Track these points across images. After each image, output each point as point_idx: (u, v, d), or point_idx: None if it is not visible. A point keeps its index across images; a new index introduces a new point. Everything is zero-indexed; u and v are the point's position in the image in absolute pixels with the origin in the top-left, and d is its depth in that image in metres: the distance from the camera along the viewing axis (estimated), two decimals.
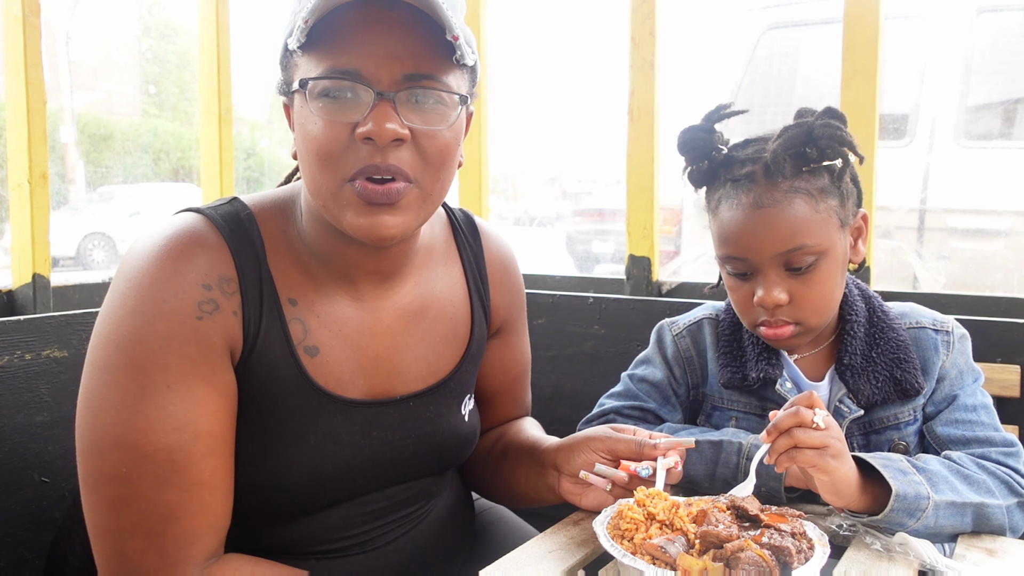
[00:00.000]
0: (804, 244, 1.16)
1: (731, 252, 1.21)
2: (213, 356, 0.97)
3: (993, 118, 4.36)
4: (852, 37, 1.70)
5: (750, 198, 1.19)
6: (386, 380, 1.11)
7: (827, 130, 1.18)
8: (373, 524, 1.12)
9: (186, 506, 0.94)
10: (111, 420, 0.93)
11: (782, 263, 1.18)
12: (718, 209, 1.24)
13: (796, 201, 1.17)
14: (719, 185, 1.25)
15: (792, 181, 1.18)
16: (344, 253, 1.06)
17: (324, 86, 0.95)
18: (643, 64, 1.92)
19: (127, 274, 0.97)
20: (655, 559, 0.89)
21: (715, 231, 1.26)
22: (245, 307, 1.00)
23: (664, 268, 3.66)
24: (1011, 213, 4.10)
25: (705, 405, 1.37)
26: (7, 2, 1.69)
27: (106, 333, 0.96)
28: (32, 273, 1.72)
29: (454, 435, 1.18)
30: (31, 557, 1.56)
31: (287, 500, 1.04)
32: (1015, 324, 1.55)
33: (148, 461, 0.92)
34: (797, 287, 1.18)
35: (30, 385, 1.55)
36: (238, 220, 1.03)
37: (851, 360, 1.25)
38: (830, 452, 1.01)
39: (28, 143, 1.70)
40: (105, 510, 0.94)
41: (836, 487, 1.03)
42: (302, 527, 1.07)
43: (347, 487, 1.08)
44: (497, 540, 1.33)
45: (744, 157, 1.22)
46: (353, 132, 0.95)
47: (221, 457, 0.98)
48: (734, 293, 1.26)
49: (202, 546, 0.96)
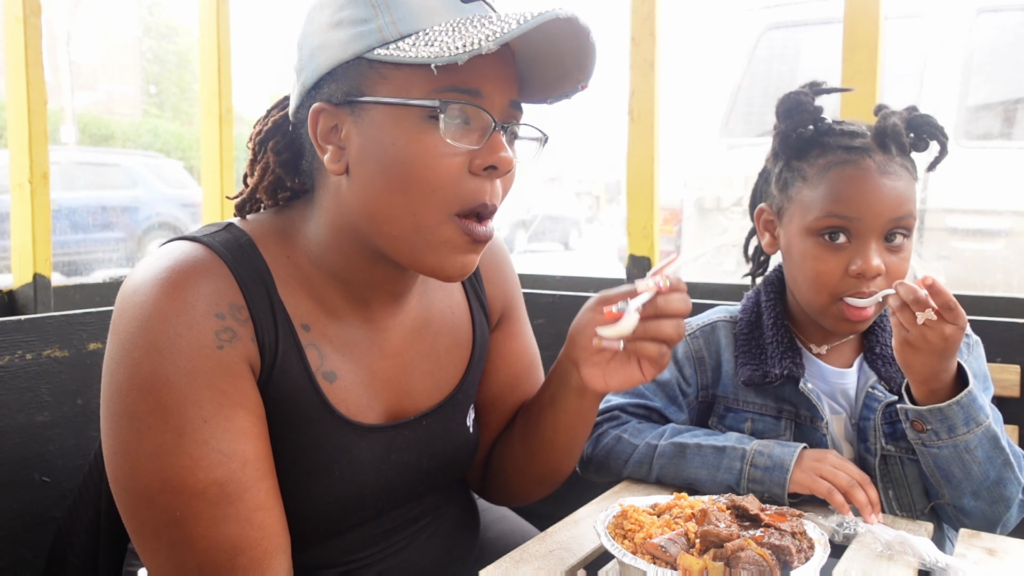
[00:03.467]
0: (911, 215, 1.22)
1: (845, 212, 1.21)
2: (242, 381, 0.93)
3: (993, 118, 4.36)
4: (852, 37, 1.70)
5: (874, 164, 1.22)
6: (398, 402, 1.09)
7: (928, 119, 1.26)
8: (386, 542, 1.11)
9: (248, 536, 0.90)
10: (153, 467, 0.88)
11: (885, 233, 1.21)
12: (825, 174, 1.24)
13: (906, 175, 1.24)
14: (825, 152, 1.26)
15: (902, 158, 1.25)
16: (368, 276, 1.02)
17: (440, 105, 0.90)
18: (643, 64, 1.92)
19: (132, 313, 0.90)
20: (655, 558, 0.89)
21: (815, 195, 1.24)
22: (259, 334, 0.95)
23: None
24: (1011, 213, 4.10)
25: (717, 407, 1.37)
26: (8, 2, 1.69)
27: (124, 379, 0.89)
28: (33, 273, 1.72)
29: (462, 448, 1.17)
30: (31, 557, 1.56)
31: (309, 528, 1.02)
32: (1015, 324, 1.55)
33: (201, 499, 0.88)
34: (890, 260, 1.22)
35: (31, 385, 1.55)
36: (238, 246, 0.98)
37: (883, 350, 1.28)
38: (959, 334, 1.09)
39: (29, 143, 1.71)
40: (167, 556, 0.90)
41: (940, 362, 1.11)
42: (315, 551, 1.05)
43: (368, 512, 1.07)
44: (497, 540, 1.33)
45: (850, 130, 1.26)
46: (468, 163, 0.93)
47: (271, 478, 0.94)
48: (820, 263, 1.23)
49: (272, 572, 0.92)
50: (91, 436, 1.64)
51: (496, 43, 0.85)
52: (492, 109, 0.93)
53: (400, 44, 0.90)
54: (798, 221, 1.26)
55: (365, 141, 0.93)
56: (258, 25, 9.53)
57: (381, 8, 0.92)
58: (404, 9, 0.92)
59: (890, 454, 1.25)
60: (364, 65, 0.93)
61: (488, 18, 0.91)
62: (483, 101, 0.93)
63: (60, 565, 1.17)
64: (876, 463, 1.25)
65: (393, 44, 0.90)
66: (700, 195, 4.82)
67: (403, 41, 0.90)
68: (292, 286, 1.00)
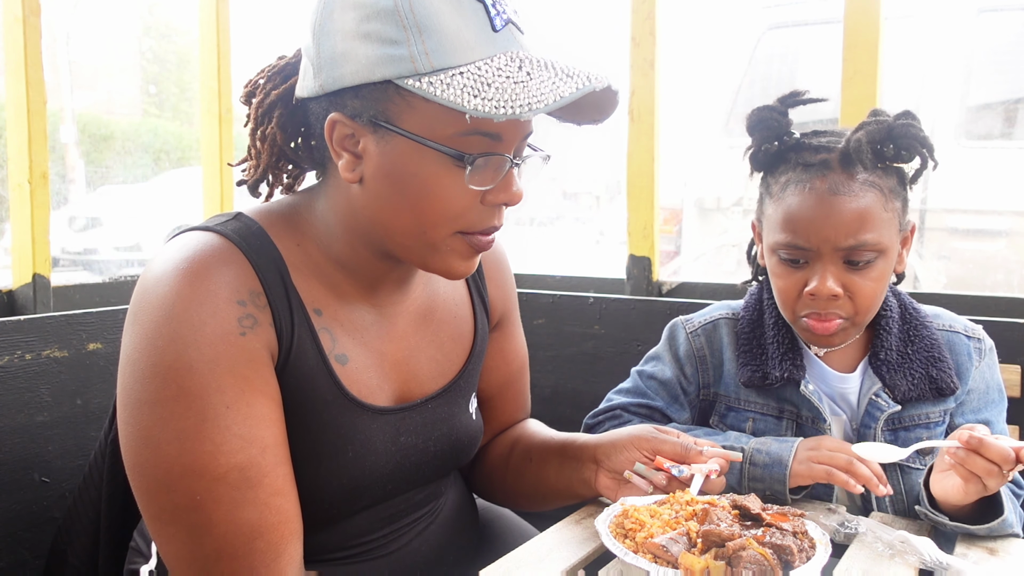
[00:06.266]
0: (870, 240, 1.15)
1: (794, 238, 1.18)
2: (262, 367, 0.95)
3: (993, 118, 4.36)
4: (852, 37, 1.70)
5: (825, 184, 1.16)
6: (406, 384, 1.12)
7: (908, 129, 1.17)
8: (390, 528, 1.13)
9: (266, 519, 0.92)
10: (175, 451, 0.90)
11: (843, 255, 1.17)
12: (784, 193, 1.21)
13: (870, 194, 1.16)
14: (787, 168, 1.22)
15: (868, 174, 1.17)
16: (375, 266, 1.06)
17: (468, 157, 0.93)
18: (643, 64, 1.92)
19: (154, 303, 0.92)
20: (657, 558, 0.89)
21: (775, 215, 1.22)
22: (276, 319, 0.97)
23: (664, 268, 3.66)
24: (1011, 213, 4.10)
25: (719, 405, 1.37)
26: (7, 2, 1.69)
27: (147, 367, 0.91)
28: (32, 273, 1.72)
29: (465, 434, 1.19)
30: (31, 557, 1.56)
31: (319, 511, 1.03)
32: (1015, 324, 1.55)
33: (221, 483, 0.90)
34: (852, 282, 1.17)
35: (30, 385, 1.55)
36: (251, 234, 1.00)
37: (887, 355, 1.25)
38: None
39: (28, 143, 1.70)
40: (185, 541, 0.92)
41: (973, 496, 1.05)
42: (323, 535, 1.06)
43: (377, 494, 1.08)
44: (497, 539, 1.33)
45: (818, 144, 1.21)
46: (482, 196, 0.96)
47: (287, 464, 0.97)
48: (781, 280, 1.23)
49: (288, 557, 0.95)
50: (91, 436, 1.64)
51: (534, 113, 0.87)
52: (509, 149, 0.96)
53: (433, 80, 0.89)
54: (766, 239, 1.26)
55: (384, 163, 0.95)
56: (258, 25, 9.55)
57: (413, 31, 0.90)
58: (437, 39, 0.90)
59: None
60: (392, 90, 0.92)
61: (521, 62, 0.92)
62: (503, 146, 0.95)
63: (60, 565, 1.17)
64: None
65: (426, 78, 0.90)
66: (700, 195, 4.82)
67: (435, 76, 0.90)
68: (303, 272, 1.03)
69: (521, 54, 0.94)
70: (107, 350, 1.67)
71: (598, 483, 1.17)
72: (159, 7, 13.65)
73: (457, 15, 0.91)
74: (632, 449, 1.14)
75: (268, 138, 1.06)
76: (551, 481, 1.24)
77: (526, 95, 0.88)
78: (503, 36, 0.94)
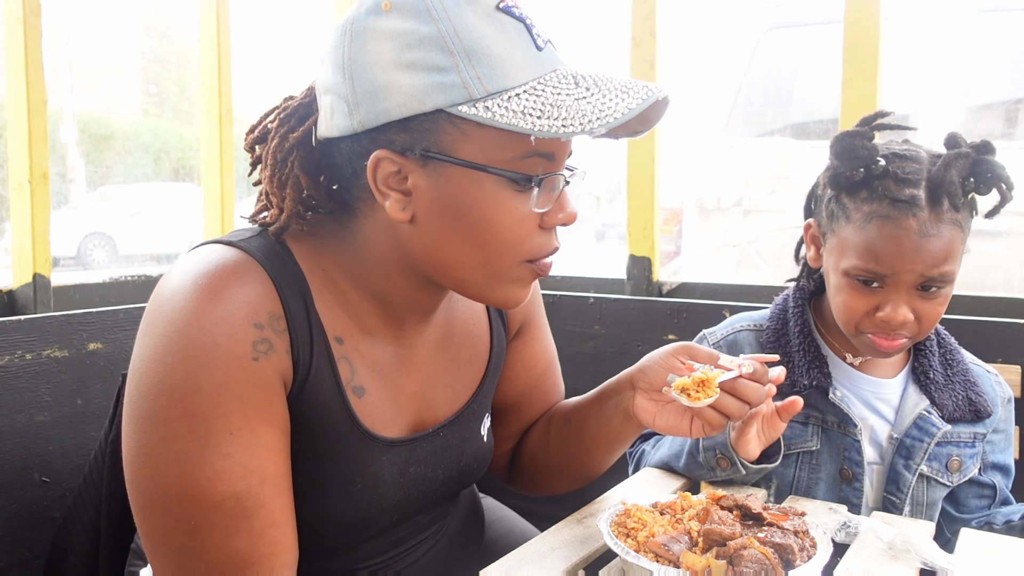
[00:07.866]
0: (948, 272, 1.18)
1: (875, 267, 1.19)
2: (273, 395, 0.91)
3: (994, 118, 4.36)
4: (852, 37, 1.70)
5: (915, 224, 1.17)
6: (420, 415, 1.09)
7: (993, 167, 1.20)
8: (396, 550, 1.11)
9: (258, 550, 0.89)
10: (174, 474, 0.87)
11: (919, 284, 1.19)
12: (868, 223, 1.20)
13: (953, 231, 1.18)
14: (872, 197, 1.21)
15: (953, 213, 1.19)
16: (411, 297, 1.02)
17: (526, 170, 0.91)
18: (643, 64, 1.92)
19: (168, 317, 0.88)
20: (659, 557, 0.89)
21: (855, 239, 1.21)
22: (294, 345, 0.93)
23: (664, 268, 3.66)
24: (1011, 213, 4.08)
25: None
26: (7, 2, 1.69)
27: (153, 384, 0.87)
28: (32, 273, 1.72)
29: (475, 457, 1.17)
30: (31, 557, 1.56)
31: (324, 540, 1.01)
32: (1015, 324, 1.55)
33: (217, 511, 0.87)
34: (922, 306, 1.20)
35: (30, 385, 1.55)
36: (275, 253, 0.96)
37: (934, 375, 1.30)
38: None
39: (29, 143, 1.70)
40: (176, 562, 0.90)
41: None
42: (328, 561, 1.05)
43: (384, 524, 1.06)
44: (498, 540, 1.33)
45: (904, 176, 1.20)
46: (540, 219, 0.94)
47: (287, 495, 0.94)
48: (850, 299, 1.23)
49: None
50: (91, 436, 1.64)
51: (604, 128, 0.85)
52: (561, 168, 0.95)
53: (489, 104, 0.86)
54: (836, 256, 1.25)
55: (439, 196, 0.91)
56: (258, 24, 9.54)
57: (461, 57, 0.87)
58: (488, 63, 0.87)
59: (923, 474, 1.27)
60: (443, 119, 0.88)
61: (575, 78, 0.90)
62: (557, 165, 0.94)
63: (60, 565, 1.17)
64: (913, 481, 1.26)
65: (482, 103, 0.86)
66: (700, 195, 4.82)
67: (491, 100, 0.86)
68: (327, 298, 0.99)
69: (571, 71, 0.91)
70: (107, 350, 1.67)
71: (635, 407, 1.12)
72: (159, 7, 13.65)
73: (503, 38, 0.89)
74: (667, 357, 1.10)
75: (289, 183, 0.99)
76: (593, 430, 1.19)
77: (591, 111, 0.86)
78: (547, 54, 0.92)
